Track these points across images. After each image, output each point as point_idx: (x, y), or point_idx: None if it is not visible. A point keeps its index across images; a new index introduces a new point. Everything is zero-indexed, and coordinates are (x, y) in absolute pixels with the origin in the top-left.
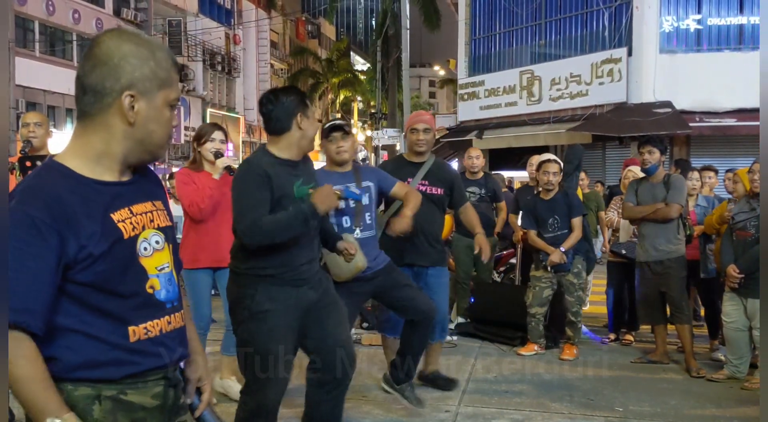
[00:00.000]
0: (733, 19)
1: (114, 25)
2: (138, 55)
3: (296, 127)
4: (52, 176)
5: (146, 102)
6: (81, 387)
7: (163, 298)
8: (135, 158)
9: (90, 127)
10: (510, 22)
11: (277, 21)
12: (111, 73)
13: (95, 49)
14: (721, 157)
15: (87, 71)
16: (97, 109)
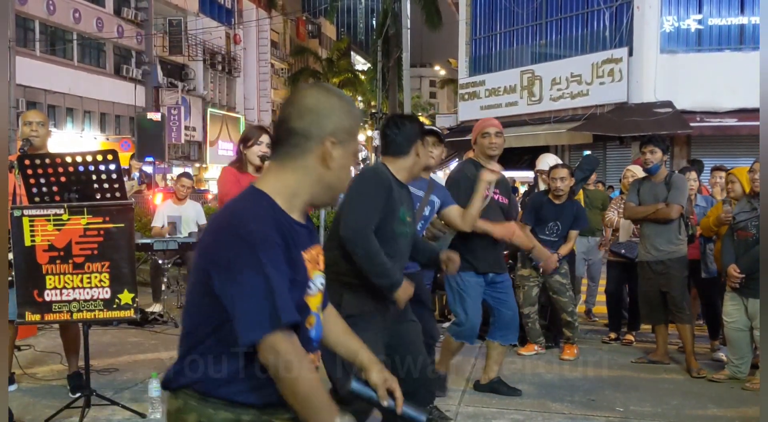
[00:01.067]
0: (733, 19)
1: (114, 24)
2: (343, 109)
3: (414, 153)
4: (267, 206)
5: (342, 150)
6: (221, 410)
7: (314, 336)
8: (319, 201)
9: (290, 167)
10: (511, 21)
11: (278, 20)
12: (319, 121)
13: (303, 99)
14: (722, 157)
15: (294, 116)
16: (299, 151)
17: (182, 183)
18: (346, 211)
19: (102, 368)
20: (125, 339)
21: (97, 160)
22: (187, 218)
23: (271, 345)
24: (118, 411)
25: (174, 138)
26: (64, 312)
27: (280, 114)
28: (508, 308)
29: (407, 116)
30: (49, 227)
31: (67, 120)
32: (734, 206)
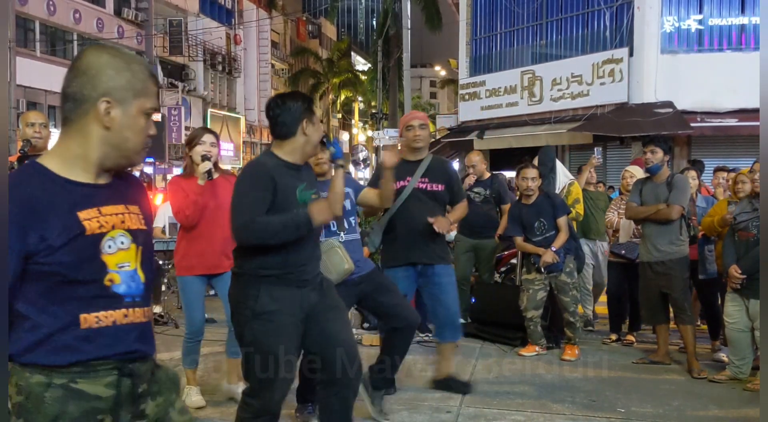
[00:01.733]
0: (734, 19)
1: (115, 24)
2: (114, 66)
3: (301, 132)
4: (27, 174)
5: (122, 110)
6: (36, 374)
7: (122, 292)
8: (111, 162)
9: (70, 131)
10: (511, 22)
11: (278, 21)
12: (89, 82)
13: (77, 61)
14: (723, 158)
15: (68, 81)
16: (76, 115)
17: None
18: (232, 211)
19: None
20: None
21: None
22: None
23: None
24: None
25: (174, 138)
26: None
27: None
28: (441, 305)
29: (289, 94)
30: None
31: None
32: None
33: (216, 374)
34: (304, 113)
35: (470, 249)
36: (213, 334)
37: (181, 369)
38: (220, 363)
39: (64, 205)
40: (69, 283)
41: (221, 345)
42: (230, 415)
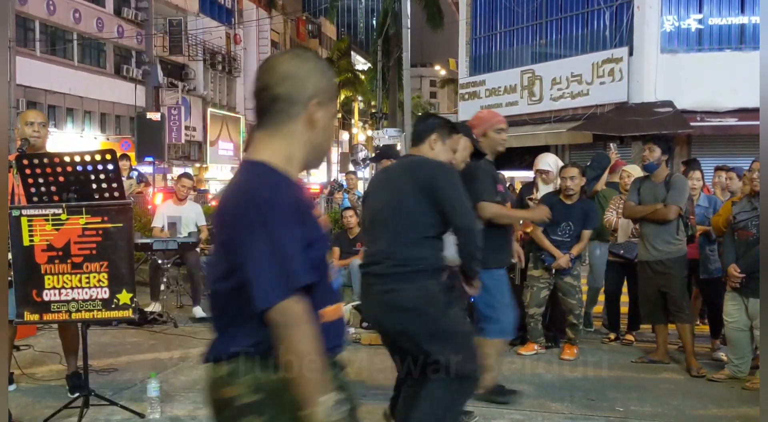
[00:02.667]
0: (734, 18)
1: (114, 24)
2: (319, 70)
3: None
4: (278, 176)
5: (323, 112)
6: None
7: (336, 287)
8: (311, 163)
9: (277, 133)
10: (511, 21)
11: (278, 20)
12: (300, 85)
13: (282, 65)
14: (723, 157)
15: (275, 83)
16: (286, 117)
17: (182, 183)
18: (461, 204)
19: (101, 368)
20: (124, 340)
21: (95, 160)
22: (187, 219)
23: (281, 310)
24: (117, 411)
25: (174, 138)
26: (63, 312)
27: (257, 82)
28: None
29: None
30: (47, 227)
31: (68, 120)
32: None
33: None
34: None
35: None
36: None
37: (190, 366)
38: None
39: (308, 205)
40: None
41: None
42: None
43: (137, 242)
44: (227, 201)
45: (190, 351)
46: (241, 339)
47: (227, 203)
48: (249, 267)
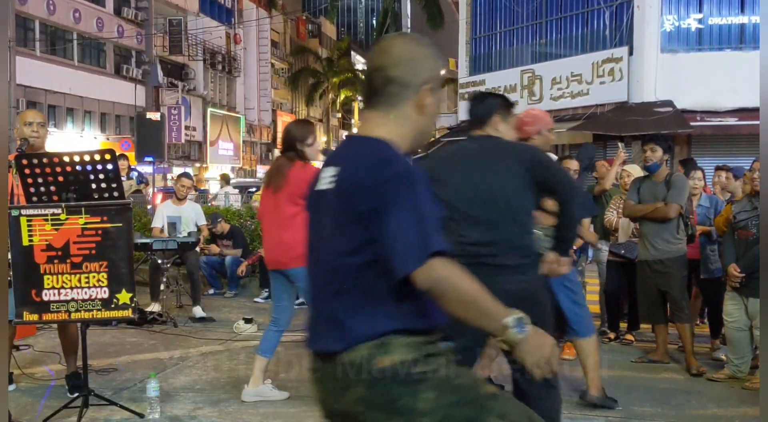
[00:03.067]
0: (734, 18)
1: (114, 24)
2: (432, 56)
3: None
4: (395, 149)
5: (433, 97)
6: (402, 338)
7: None
8: (415, 147)
9: (390, 114)
10: (511, 21)
11: (278, 20)
12: (415, 69)
13: (398, 48)
14: (722, 157)
15: (390, 65)
16: (399, 100)
17: (182, 183)
18: (566, 176)
19: (100, 368)
20: (124, 339)
21: (95, 160)
22: (187, 218)
23: (433, 267)
24: (117, 411)
25: (174, 138)
26: (62, 312)
27: (371, 63)
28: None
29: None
30: (47, 227)
31: (68, 120)
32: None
33: (215, 372)
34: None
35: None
36: (214, 333)
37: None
38: (220, 361)
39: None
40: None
41: (221, 343)
42: (228, 415)
43: (137, 242)
44: (354, 173)
45: (190, 351)
46: (382, 320)
47: (356, 175)
48: (396, 233)
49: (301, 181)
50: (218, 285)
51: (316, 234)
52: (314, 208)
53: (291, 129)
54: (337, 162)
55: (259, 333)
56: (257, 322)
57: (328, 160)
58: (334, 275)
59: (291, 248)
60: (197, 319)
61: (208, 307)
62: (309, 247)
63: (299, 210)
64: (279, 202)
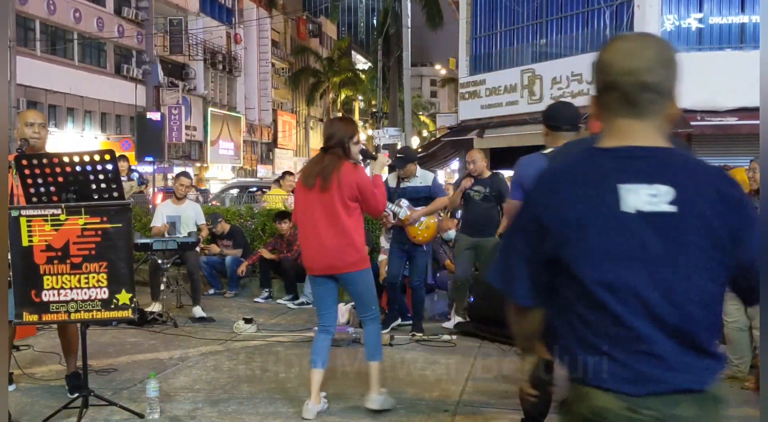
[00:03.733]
0: (734, 17)
1: (115, 24)
2: (678, 62)
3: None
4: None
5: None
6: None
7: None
8: None
9: (653, 120)
10: (511, 20)
11: (279, 20)
12: (670, 76)
13: (652, 50)
14: (723, 156)
15: (645, 69)
16: (656, 109)
17: (181, 182)
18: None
19: (100, 368)
20: (124, 340)
21: (94, 160)
22: (187, 218)
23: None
24: (116, 411)
25: (175, 137)
26: (62, 312)
27: (619, 67)
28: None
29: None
30: (46, 227)
31: (68, 120)
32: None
33: (215, 373)
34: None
35: (471, 247)
36: (213, 333)
37: (189, 366)
38: (219, 361)
39: None
40: None
41: (220, 344)
42: (227, 415)
43: (137, 242)
44: (714, 200)
45: (190, 351)
46: (720, 355)
47: (725, 190)
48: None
49: (354, 183)
50: (218, 285)
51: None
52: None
53: (337, 124)
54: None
55: (259, 333)
56: (257, 322)
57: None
58: (703, 306)
59: (347, 252)
60: (197, 319)
61: (208, 307)
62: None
63: (354, 212)
64: (328, 202)
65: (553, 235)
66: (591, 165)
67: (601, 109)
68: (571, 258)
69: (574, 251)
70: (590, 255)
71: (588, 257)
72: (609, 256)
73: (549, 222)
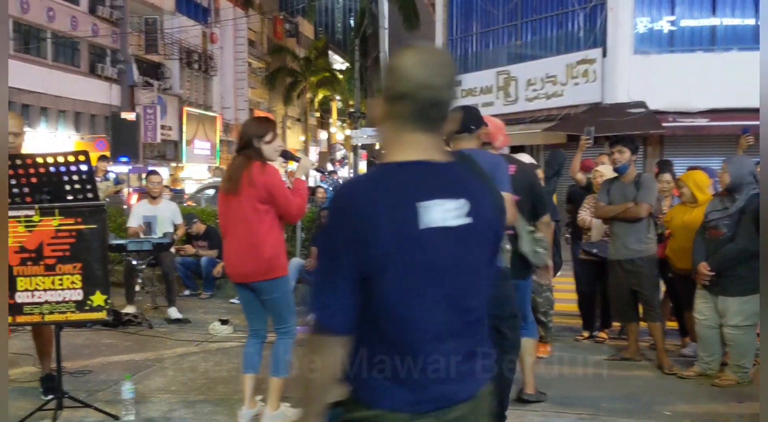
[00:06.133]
0: (705, 20)
1: (89, 23)
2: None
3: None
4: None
5: None
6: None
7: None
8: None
9: (439, 135)
10: (487, 22)
11: (255, 19)
12: (454, 96)
13: (448, 68)
14: (694, 157)
15: (448, 86)
16: (440, 125)
17: (151, 180)
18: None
19: (75, 370)
20: (99, 341)
21: (68, 161)
22: (163, 218)
23: None
24: (92, 413)
25: (150, 137)
26: (36, 314)
27: (419, 79)
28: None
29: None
30: (20, 228)
31: (41, 119)
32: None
33: (191, 374)
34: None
35: None
36: (189, 335)
37: (164, 368)
38: (195, 362)
39: None
40: None
41: (196, 345)
42: (203, 416)
43: (111, 243)
44: (492, 206)
45: (165, 353)
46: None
47: (494, 209)
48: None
49: (261, 184)
50: (194, 286)
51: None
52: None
53: (248, 125)
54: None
55: (235, 334)
56: (233, 324)
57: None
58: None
59: (255, 260)
60: (172, 321)
61: (184, 308)
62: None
63: (265, 216)
64: (236, 206)
65: (359, 253)
66: (388, 180)
67: (391, 118)
68: (373, 277)
69: (375, 269)
70: (391, 274)
71: (389, 276)
72: (409, 274)
73: (356, 240)
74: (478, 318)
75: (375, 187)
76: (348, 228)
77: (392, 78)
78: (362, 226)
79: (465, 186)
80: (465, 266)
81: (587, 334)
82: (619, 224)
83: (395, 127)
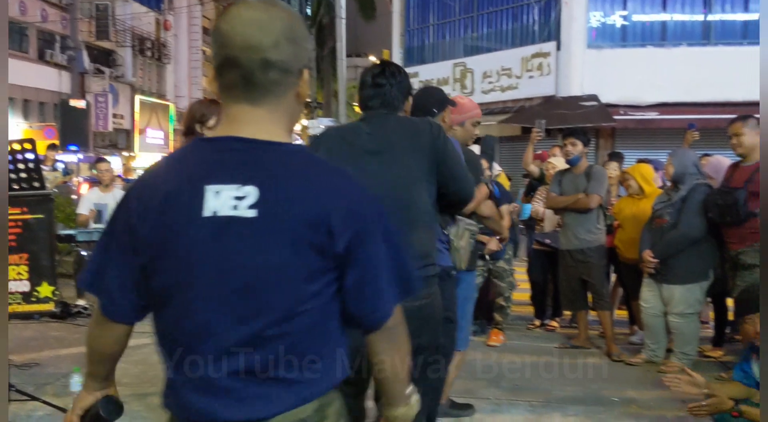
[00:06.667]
0: (656, 15)
1: (38, 7)
2: (307, 31)
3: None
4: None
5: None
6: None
7: None
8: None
9: (278, 109)
10: (443, 14)
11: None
12: (299, 51)
13: (276, 23)
14: (644, 149)
15: (269, 46)
16: (283, 87)
17: (100, 168)
18: (466, 180)
19: (22, 363)
20: (47, 333)
21: (14, 149)
22: (114, 206)
23: (398, 312)
24: (40, 406)
25: (101, 126)
26: None
27: (241, 40)
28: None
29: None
30: None
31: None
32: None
33: (142, 366)
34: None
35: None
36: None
37: None
38: (147, 354)
39: None
40: None
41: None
42: (154, 409)
43: (60, 233)
44: (307, 196)
45: None
46: (332, 370)
47: (313, 199)
48: (376, 273)
49: None
50: None
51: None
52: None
53: (192, 108)
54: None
55: None
56: None
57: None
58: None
59: None
60: None
61: None
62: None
63: None
64: None
65: (141, 243)
66: (187, 160)
67: (220, 90)
68: (155, 272)
69: (156, 264)
70: (169, 270)
71: (168, 271)
72: (186, 270)
73: (137, 228)
74: (268, 333)
75: (165, 169)
76: (123, 210)
77: (215, 43)
78: (134, 212)
79: (262, 170)
80: (242, 266)
81: (539, 323)
82: (570, 215)
83: (225, 101)
